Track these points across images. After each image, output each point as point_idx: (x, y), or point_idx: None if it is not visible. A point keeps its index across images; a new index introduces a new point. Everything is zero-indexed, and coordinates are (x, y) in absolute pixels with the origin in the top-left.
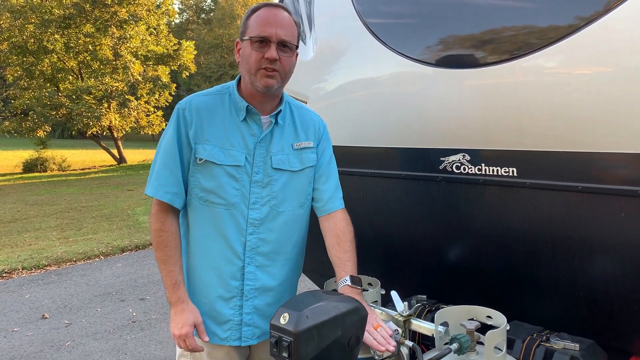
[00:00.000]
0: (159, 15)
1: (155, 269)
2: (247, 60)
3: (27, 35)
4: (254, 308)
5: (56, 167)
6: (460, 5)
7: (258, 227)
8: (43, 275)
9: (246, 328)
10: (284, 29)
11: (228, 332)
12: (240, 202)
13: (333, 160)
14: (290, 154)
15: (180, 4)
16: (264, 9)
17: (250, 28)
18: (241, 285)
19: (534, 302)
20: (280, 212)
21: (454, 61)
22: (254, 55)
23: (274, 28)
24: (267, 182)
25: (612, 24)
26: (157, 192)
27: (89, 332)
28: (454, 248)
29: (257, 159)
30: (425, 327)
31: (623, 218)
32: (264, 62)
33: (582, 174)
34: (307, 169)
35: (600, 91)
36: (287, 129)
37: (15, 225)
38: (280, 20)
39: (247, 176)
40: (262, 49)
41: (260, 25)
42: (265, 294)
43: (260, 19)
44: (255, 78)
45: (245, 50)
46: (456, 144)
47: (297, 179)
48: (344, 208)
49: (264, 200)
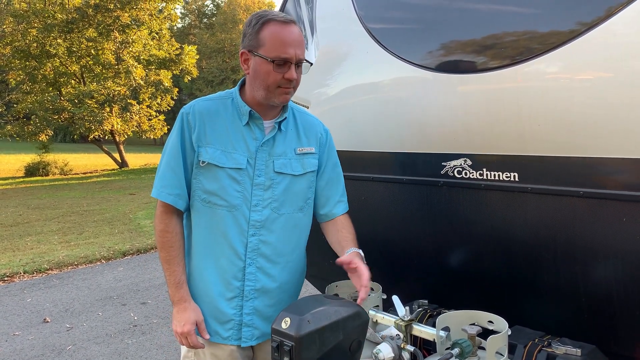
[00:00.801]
0: (161, 20)
1: (157, 274)
2: (265, 78)
3: (29, 40)
4: (253, 309)
5: (58, 171)
6: (462, 11)
7: (259, 228)
8: (44, 279)
9: (246, 329)
10: (300, 48)
11: (230, 332)
12: (242, 204)
13: (338, 165)
14: (293, 158)
15: (183, 9)
16: (276, 25)
17: (267, 46)
18: (242, 286)
19: (536, 307)
20: (280, 215)
21: (456, 66)
22: (273, 76)
23: (293, 49)
24: (269, 185)
25: (614, 29)
26: (160, 194)
27: (90, 336)
28: (456, 253)
29: (259, 162)
30: (426, 332)
31: (625, 223)
32: (283, 82)
33: (583, 179)
34: (308, 173)
35: (602, 96)
36: (290, 134)
37: (17, 229)
38: (296, 39)
39: (248, 179)
40: (281, 70)
41: (279, 46)
42: (265, 295)
43: (278, 39)
44: (274, 95)
45: (261, 68)
46: (458, 148)
47: (298, 183)
48: (347, 212)
49: (266, 202)
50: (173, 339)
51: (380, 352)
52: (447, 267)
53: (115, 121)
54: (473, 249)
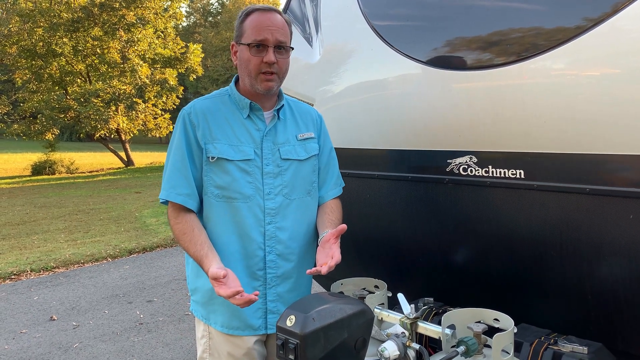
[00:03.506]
0: (167, 19)
1: (162, 272)
2: (247, 65)
3: (36, 39)
4: (277, 295)
5: (64, 170)
6: (467, 7)
7: (274, 216)
8: (51, 277)
9: (271, 315)
10: (279, 31)
11: (260, 320)
12: (255, 193)
13: (333, 149)
14: (296, 144)
15: (188, 7)
16: (257, 13)
17: (247, 33)
18: (264, 274)
19: (542, 305)
20: (292, 200)
21: (461, 63)
22: (253, 61)
23: (270, 32)
24: (278, 172)
25: (620, 25)
26: (169, 195)
27: (97, 334)
28: (461, 250)
29: (266, 151)
30: (432, 330)
31: (632, 220)
32: (263, 66)
33: (590, 176)
34: (311, 157)
35: (608, 93)
36: (289, 122)
37: (24, 227)
38: (274, 23)
39: (258, 169)
40: (260, 54)
41: (256, 30)
42: (286, 281)
43: (255, 24)
44: (256, 82)
45: (243, 55)
46: (463, 146)
47: (304, 168)
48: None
49: (277, 189)
50: (179, 337)
51: (385, 349)
52: (453, 264)
53: (121, 120)
54: (478, 247)
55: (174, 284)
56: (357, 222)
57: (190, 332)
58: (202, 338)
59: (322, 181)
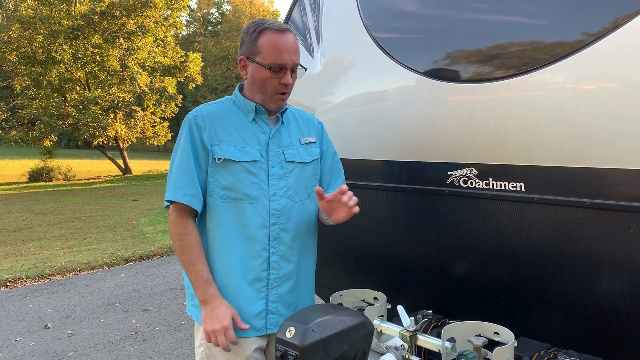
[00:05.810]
0: (167, 28)
1: (159, 280)
2: (262, 84)
3: (35, 46)
4: (278, 296)
5: (62, 177)
6: (469, 21)
7: (279, 217)
8: (47, 285)
9: (271, 316)
10: (295, 54)
11: (262, 321)
12: (260, 194)
13: (337, 154)
14: (300, 148)
15: (188, 17)
16: (273, 34)
17: (264, 53)
18: (267, 275)
19: (542, 319)
20: (295, 202)
21: (462, 76)
22: (270, 82)
23: (289, 55)
24: (283, 174)
25: (620, 40)
26: (176, 195)
27: (92, 343)
28: (461, 263)
29: (271, 153)
30: (431, 343)
31: (632, 235)
32: (280, 87)
33: (590, 189)
34: (313, 161)
35: (608, 107)
36: (292, 127)
37: (20, 234)
38: (291, 46)
39: (263, 170)
40: (277, 76)
41: (275, 53)
42: (287, 282)
43: (274, 45)
44: (271, 100)
45: (258, 74)
46: (463, 158)
47: (306, 171)
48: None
49: (282, 191)
50: (175, 346)
51: None
52: (452, 277)
53: (120, 127)
54: (478, 259)
55: (170, 293)
56: (357, 233)
57: (187, 342)
58: (199, 347)
59: (327, 184)
